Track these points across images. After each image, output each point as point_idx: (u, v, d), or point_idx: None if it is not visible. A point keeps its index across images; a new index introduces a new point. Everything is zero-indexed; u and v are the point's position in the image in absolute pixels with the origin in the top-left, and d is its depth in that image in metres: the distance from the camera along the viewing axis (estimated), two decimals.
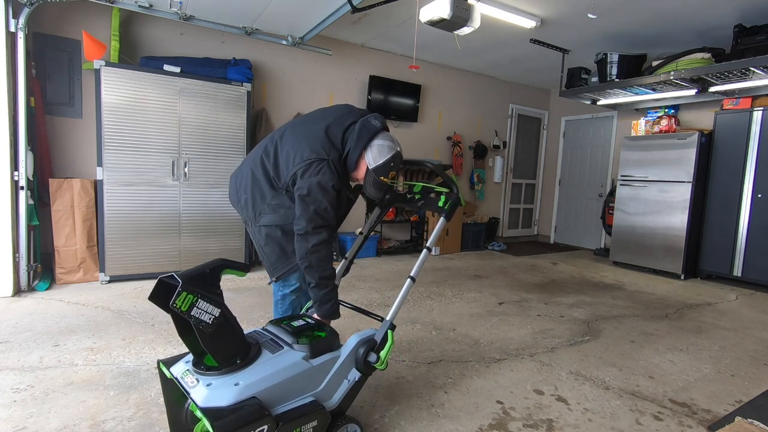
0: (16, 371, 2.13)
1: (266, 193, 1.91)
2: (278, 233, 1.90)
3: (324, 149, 1.79)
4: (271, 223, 1.90)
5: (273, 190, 1.91)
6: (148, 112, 3.73)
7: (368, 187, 1.88)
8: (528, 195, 7.66)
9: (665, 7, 3.86)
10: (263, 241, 1.95)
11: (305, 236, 1.73)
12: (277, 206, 1.89)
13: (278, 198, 1.89)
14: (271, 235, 1.91)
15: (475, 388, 2.16)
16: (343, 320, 2.98)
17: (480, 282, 4.37)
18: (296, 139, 1.86)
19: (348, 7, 3.50)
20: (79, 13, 3.87)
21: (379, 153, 1.81)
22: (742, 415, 1.90)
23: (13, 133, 3.25)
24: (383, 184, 1.87)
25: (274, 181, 1.90)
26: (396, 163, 1.84)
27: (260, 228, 1.94)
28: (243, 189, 1.99)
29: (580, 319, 3.31)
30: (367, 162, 1.83)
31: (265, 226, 1.92)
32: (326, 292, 1.76)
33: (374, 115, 1.92)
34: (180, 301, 1.25)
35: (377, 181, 1.84)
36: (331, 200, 1.76)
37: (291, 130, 1.92)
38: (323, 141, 1.81)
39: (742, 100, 4.64)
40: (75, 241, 3.65)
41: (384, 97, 5.55)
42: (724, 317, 3.54)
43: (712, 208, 4.84)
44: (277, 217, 1.89)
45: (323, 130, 1.83)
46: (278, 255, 1.92)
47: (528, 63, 5.86)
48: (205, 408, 1.26)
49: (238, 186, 2.03)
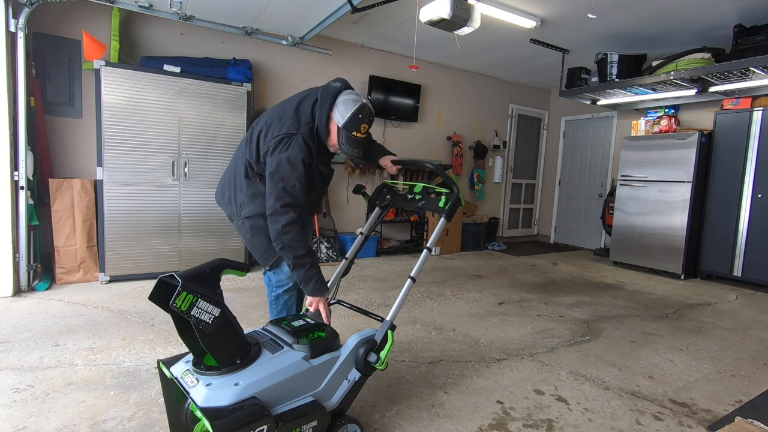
0: (16, 371, 2.13)
1: (243, 185, 1.95)
2: (261, 222, 1.90)
3: (294, 125, 1.81)
4: (252, 213, 1.92)
5: (247, 180, 1.94)
6: (148, 112, 3.73)
7: (344, 146, 1.84)
8: (528, 195, 7.66)
9: (665, 7, 3.86)
10: (249, 233, 1.97)
11: (274, 216, 1.73)
12: (253, 195, 1.90)
13: (253, 187, 1.91)
14: (255, 226, 1.92)
15: (475, 388, 2.16)
16: (343, 320, 2.98)
17: (480, 282, 4.37)
18: (269, 121, 1.89)
19: (348, 7, 3.50)
20: (79, 13, 3.87)
21: (344, 108, 1.79)
22: (742, 415, 1.90)
23: (13, 133, 3.25)
24: (358, 140, 1.83)
25: (249, 170, 1.93)
26: (365, 114, 1.80)
27: (244, 221, 1.96)
28: (227, 185, 2.02)
29: (580, 319, 3.31)
30: (336, 122, 1.81)
31: (247, 217, 1.94)
32: (305, 270, 1.75)
33: (335, 78, 1.94)
34: (180, 300, 1.25)
35: (350, 137, 1.81)
36: (299, 176, 1.75)
37: (265, 115, 1.95)
38: (293, 118, 1.83)
39: (742, 100, 4.64)
40: (75, 241, 3.65)
41: (384, 97, 5.55)
42: (724, 317, 3.54)
43: (712, 208, 4.84)
44: (256, 207, 1.91)
45: (293, 108, 1.86)
46: (266, 245, 1.91)
47: (528, 63, 5.86)
48: (205, 408, 1.26)
49: (223, 184, 2.06)
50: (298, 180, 1.75)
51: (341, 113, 1.80)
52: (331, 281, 2.01)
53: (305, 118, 1.84)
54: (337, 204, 5.49)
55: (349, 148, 1.84)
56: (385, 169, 2.11)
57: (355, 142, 1.83)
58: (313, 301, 1.80)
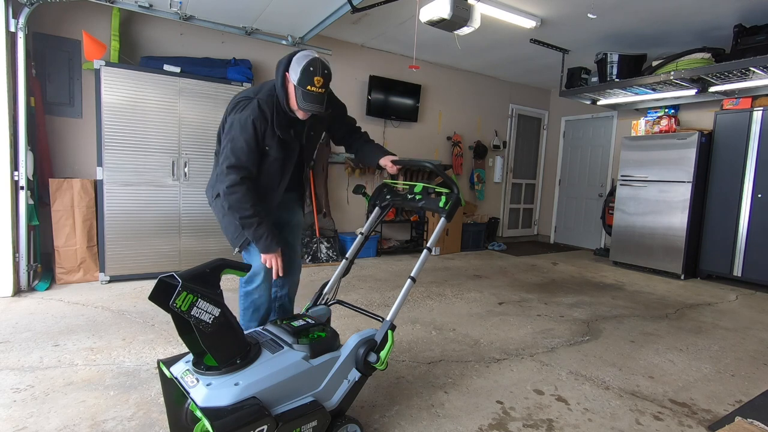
0: (16, 371, 2.13)
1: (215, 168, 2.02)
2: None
3: (253, 92, 1.89)
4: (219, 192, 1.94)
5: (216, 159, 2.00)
6: (148, 112, 3.73)
7: (301, 104, 1.80)
8: (528, 195, 7.66)
9: (665, 7, 3.86)
10: (220, 214, 2.01)
11: (221, 177, 1.82)
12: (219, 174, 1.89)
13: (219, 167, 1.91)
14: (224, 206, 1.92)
15: (475, 388, 2.16)
16: (343, 320, 2.98)
17: (480, 282, 4.37)
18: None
19: (348, 7, 3.51)
20: (79, 13, 3.87)
21: (297, 65, 1.79)
22: (742, 415, 1.90)
23: (13, 133, 3.25)
24: (314, 94, 1.78)
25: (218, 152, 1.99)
26: (316, 67, 1.77)
27: (215, 201, 2.01)
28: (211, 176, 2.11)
29: (580, 319, 3.31)
30: (291, 81, 1.80)
31: (216, 197, 1.99)
32: (254, 230, 1.83)
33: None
34: (180, 300, 1.25)
35: (306, 92, 1.77)
36: (247, 138, 1.79)
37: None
38: (254, 88, 1.94)
39: (742, 100, 4.64)
40: (75, 241, 3.65)
41: (384, 97, 5.55)
42: (724, 317, 3.54)
43: (712, 208, 4.84)
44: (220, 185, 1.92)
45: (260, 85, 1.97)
46: (235, 225, 1.94)
47: (528, 63, 5.86)
48: (205, 408, 1.26)
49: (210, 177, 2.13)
50: (245, 142, 1.79)
51: (294, 71, 1.78)
52: (332, 281, 2.01)
53: (267, 86, 1.91)
54: (337, 204, 5.49)
55: (306, 104, 1.79)
56: (386, 169, 2.12)
57: (312, 97, 1.78)
58: (266, 258, 1.89)
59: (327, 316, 1.94)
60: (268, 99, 1.86)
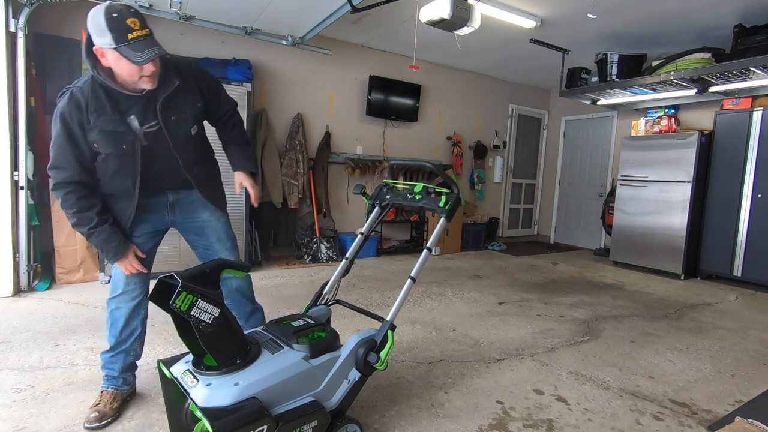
0: (16, 371, 2.13)
1: None
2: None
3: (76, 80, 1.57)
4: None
5: None
6: None
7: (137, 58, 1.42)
8: (528, 195, 7.66)
9: (665, 7, 3.86)
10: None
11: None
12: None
13: None
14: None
15: (475, 388, 2.16)
16: (343, 320, 2.98)
17: (480, 282, 4.37)
18: None
19: (348, 7, 3.51)
20: (79, 13, 3.87)
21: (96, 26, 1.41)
22: (742, 415, 1.90)
23: (13, 133, 3.25)
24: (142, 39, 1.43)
25: None
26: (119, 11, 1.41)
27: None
28: None
29: (580, 319, 3.31)
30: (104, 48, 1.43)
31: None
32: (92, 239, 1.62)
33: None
34: (180, 300, 1.25)
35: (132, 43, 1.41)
36: (57, 133, 1.53)
37: None
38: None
39: (742, 100, 4.63)
40: (75, 241, 3.65)
41: (384, 97, 5.55)
42: (724, 317, 3.54)
43: (712, 208, 4.84)
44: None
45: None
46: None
47: (528, 63, 5.86)
48: (205, 408, 1.26)
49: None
50: (55, 138, 1.53)
51: (100, 34, 1.41)
52: (332, 281, 2.01)
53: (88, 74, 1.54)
54: (337, 204, 5.49)
55: (142, 54, 1.42)
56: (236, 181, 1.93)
57: (142, 42, 1.43)
58: (119, 265, 1.69)
59: (327, 316, 1.94)
60: (85, 85, 1.53)
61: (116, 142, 1.58)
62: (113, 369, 1.84)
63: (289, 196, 4.83)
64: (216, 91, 1.84)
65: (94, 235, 1.62)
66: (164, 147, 1.67)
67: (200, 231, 1.90)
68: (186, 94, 1.68)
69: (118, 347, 1.82)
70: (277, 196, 4.75)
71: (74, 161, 1.55)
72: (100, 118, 1.54)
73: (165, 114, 1.62)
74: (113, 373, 1.85)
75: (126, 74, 1.49)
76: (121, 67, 1.47)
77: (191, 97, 1.71)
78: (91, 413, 1.71)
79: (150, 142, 1.64)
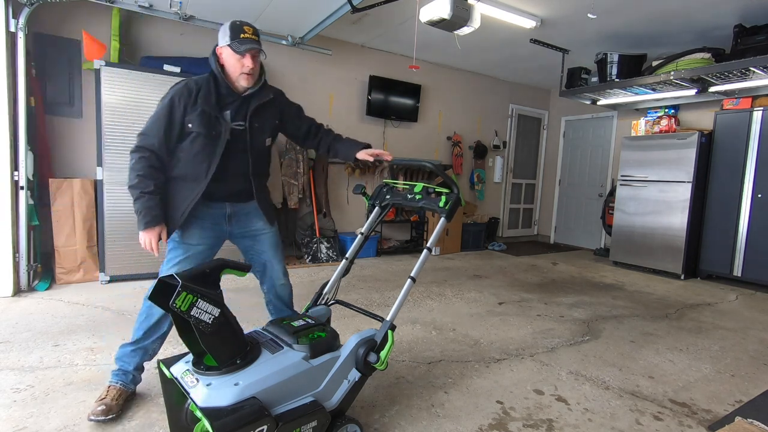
0: (16, 371, 2.13)
1: None
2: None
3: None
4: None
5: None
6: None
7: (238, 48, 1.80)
8: (528, 195, 7.66)
9: (665, 7, 3.86)
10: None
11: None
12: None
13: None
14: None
15: (475, 388, 2.16)
16: (343, 320, 2.98)
17: (480, 282, 4.37)
18: None
19: (348, 7, 3.51)
20: (79, 13, 3.87)
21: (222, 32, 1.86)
22: (742, 415, 1.90)
23: (13, 133, 3.25)
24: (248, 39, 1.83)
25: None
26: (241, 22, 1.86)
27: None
28: None
29: (580, 319, 3.31)
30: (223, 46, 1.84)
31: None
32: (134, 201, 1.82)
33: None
34: (180, 300, 1.25)
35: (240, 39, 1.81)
36: (160, 108, 1.83)
37: None
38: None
39: (742, 100, 4.64)
40: (75, 241, 3.65)
41: (384, 97, 5.55)
42: (724, 317, 3.54)
43: (712, 208, 4.84)
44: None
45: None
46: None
47: (528, 63, 5.86)
48: (205, 408, 1.26)
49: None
50: (157, 112, 1.84)
51: (223, 37, 1.85)
52: (332, 281, 2.01)
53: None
54: (337, 204, 5.49)
55: (244, 46, 1.80)
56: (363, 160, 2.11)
57: (248, 40, 1.82)
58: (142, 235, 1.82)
59: (327, 316, 1.94)
60: (200, 79, 1.87)
61: (209, 126, 1.84)
62: (128, 363, 1.89)
63: (289, 196, 4.83)
64: (297, 113, 2.15)
65: (142, 198, 1.80)
66: (242, 147, 1.91)
67: (255, 238, 2.05)
68: (272, 110, 2.02)
69: (142, 341, 1.90)
70: (277, 196, 4.75)
71: (162, 135, 1.82)
72: (204, 103, 1.83)
73: (252, 118, 1.92)
74: (127, 367, 1.88)
75: (232, 68, 1.85)
76: (230, 62, 1.84)
77: (274, 114, 2.03)
78: (98, 406, 1.73)
79: (233, 137, 1.88)
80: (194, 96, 1.83)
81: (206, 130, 1.84)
